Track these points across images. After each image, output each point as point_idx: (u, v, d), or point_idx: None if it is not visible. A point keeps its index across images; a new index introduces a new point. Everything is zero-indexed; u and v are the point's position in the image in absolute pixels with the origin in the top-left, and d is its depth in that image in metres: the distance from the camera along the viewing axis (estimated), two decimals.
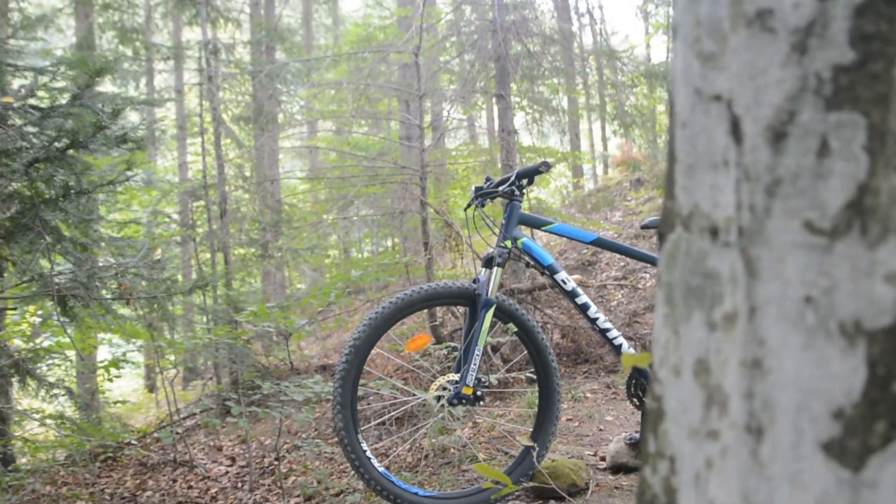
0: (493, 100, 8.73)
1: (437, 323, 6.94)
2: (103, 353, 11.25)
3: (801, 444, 0.63)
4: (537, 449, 3.68)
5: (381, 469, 3.53)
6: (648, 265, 10.14)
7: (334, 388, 3.52)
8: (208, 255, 9.78)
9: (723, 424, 0.68)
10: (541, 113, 10.02)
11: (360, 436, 3.53)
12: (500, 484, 3.30)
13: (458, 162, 10.23)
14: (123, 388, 14.14)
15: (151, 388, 15.74)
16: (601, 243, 3.92)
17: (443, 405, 3.61)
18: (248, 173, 11.05)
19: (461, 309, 6.87)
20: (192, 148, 16.69)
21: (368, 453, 3.53)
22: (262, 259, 9.36)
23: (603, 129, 22.12)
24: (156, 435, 7.26)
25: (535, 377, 4.07)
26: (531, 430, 3.90)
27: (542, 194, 12.26)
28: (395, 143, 12.12)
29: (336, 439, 4.05)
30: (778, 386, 0.64)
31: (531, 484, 3.68)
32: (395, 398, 5.38)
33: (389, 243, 15.16)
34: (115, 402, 7.86)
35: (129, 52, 10.34)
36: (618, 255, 10.86)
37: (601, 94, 11.84)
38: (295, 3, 20.06)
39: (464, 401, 3.56)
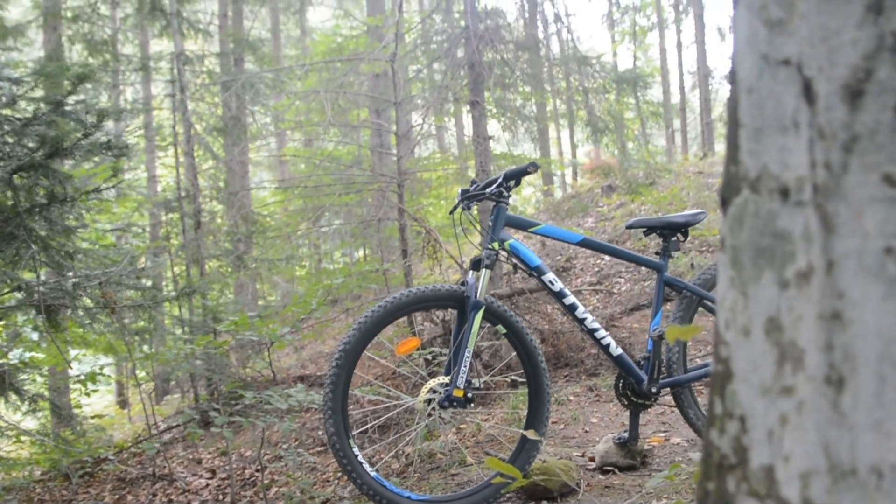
0: (468, 107, 8.76)
1: (417, 329, 6.94)
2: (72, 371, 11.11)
3: (884, 391, 0.65)
4: (540, 440, 3.70)
5: (372, 473, 3.53)
6: (623, 267, 10.23)
7: (325, 392, 3.52)
8: (181, 268, 9.72)
9: (798, 379, 0.70)
10: (513, 120, 10.07)
11: (351, 440, 3.53)
12: (507, 478, 3.31)
13: (431, 169, 10.25)
14: (95, 405, 13.96)
15: (123, 404, 15.57)
16: (588, 244, 3.96)
17: (433, 408, 3.62)
18: (222, 185, 11.00)
19: (439, 314, 6.87)
20: (160, 161, 16.57)
21: (360, 458, 3.53)
22: (237, 270, 9.32)
23: (571, 136, 22.26)
24: (138, 447, 7.18)
25: (521, 379, 4.09)
26: (520, 432, 3.91)
27: (514, 201, 12.30)
28: (367, 152, 12.13)
29: (327, 444, 4.04)
30: (859, 336, 0.66)
31: (539, 477, 3.69)
32: (377, 405, 5.37)
33: (361, 253, 15.13)
34: (93, 417, 7.78)
35: (93, 67, 10.25)
36: (592, 261, 10.93)
37: (569, 102, 11.93)
38: (263, 15, 20.03)
39: (454, 403, 3.57)
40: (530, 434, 3.51)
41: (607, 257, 10.75)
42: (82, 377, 6.60)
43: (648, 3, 24.64)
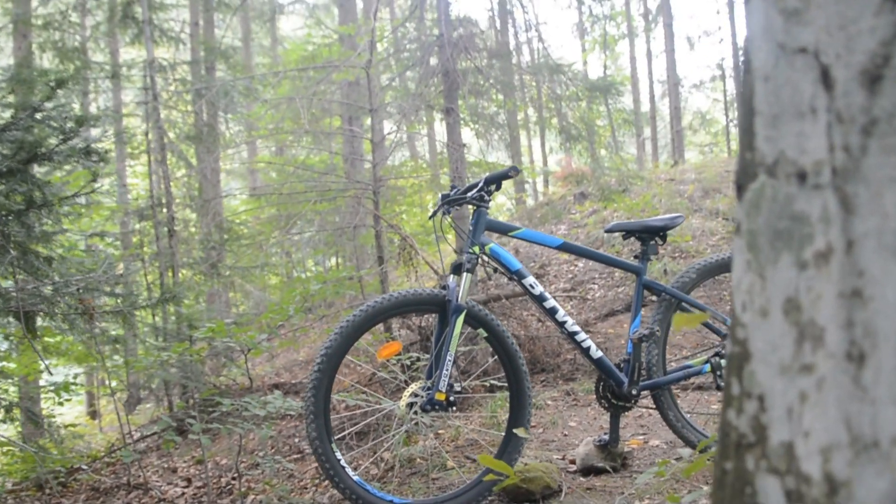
0: (441, 114, 8.79)
1: (395, 335, 6.94)
2: (47, 379, 10.97)
3: None
4: (526, 438, 3.72)
5: (355, 478, 3.53)
6: (597, 273, 10.29)
7: (307, 397, 3.52)
8: (154, 276, 9.64)
9: (818, 357, 0.72)
10: (486, 128, 10.10)
11: (333, 445, 3.53)
12: (497, 475, 3.33)
13: (406, 176, 10.27)
14: (65, 416, 13.80)
15: (94, 414, 15.40)
16: (568, 248, 3.98)
17: (415, 412, 3.62)
18: (196, 193, 10.95)
19: (416, 321, 6.88)
20: (131, 169, 16.45)
21: (343, 462, 3.53)
22: (210, 278, 9.27)
23: (543, 144, 22.38)
24: (112, 456, 7.11)
25: (502, 384, 4.10)
26: (502, 434, 3.93)
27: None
28: (339, 161, 12.11)
29: (310, 449, 4.04)
30: (880, 312, 0.69)
31: (521, 479, 3.70)
32: (354, 410, 5.36)
33: (333, 262, 15.09)
34: (67, 426, 7.70)
35: (70, 72, 10.18)
36: (566, 268, 10.99)
37: (539, 110, 11.98)
38: (234, 23, 19.99)
39: (437, 407, 3.58)
40: (520, 432, 3.54)
41: (581, 264, 10.83)
42: (55, 386, 6.53)
43: (618, 13, 24.89)
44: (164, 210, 8.73)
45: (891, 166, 0.69)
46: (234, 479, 5.95)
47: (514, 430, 3.71)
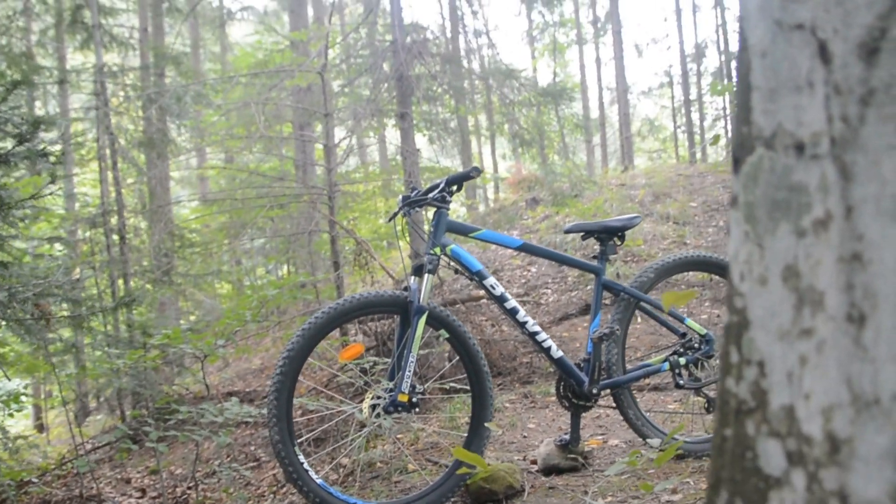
0: (396, 119, 8.79)
1: (352, 340, 6.91)
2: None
3: None
4: (493, 430, 3.73)
5: (318, 481, 3.51)
6: (550, 278, 10.36)
7: (269, 400, 3.49)
8: (105, 284, 9.50)
9: (817, 321, 0.75)
10: (439, 133, 10.13)
11: (296, 448, 3.51)
12: (470, 467, 3.33)
13: (361, 181, 10.25)
14: (11, 430, 13.48)
15: (41, 427, 15.09)
16: (528, 248, 4.01)
17: (378, 414, 3.62)
18: (146, 200, 10.83)
19: (373, 326, 6.86)
20: (79, 177, 16.18)
21: (306, 465, 3.51)
22: (163, 286, 9.15)
23: (493, 151, 22.50)
24: (63, 468, 6.98)
25: (463, 386, 4.12)
26: (465, 435, 3.94)
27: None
28: (289, 167, 12.05)
29: (273, 452, 4.01)
30: (879, 274, 0.71)
31: (483, 479, 3.71)
32: (312, 415, 5.33)
33: (284, 270, 14.98)
34: (17, 438, 7.53)
35: (18, 77, 9.99)
36: (519, 273, 11.05)
37: (490, 115, 12.01)
38: (182, 30, 19.78)
39: (400, 408, 3.58)
40: (491, 425, 3.55)
41: (534, 268, 10.90)
42: (8, 396, 6.38)
43: (568, 20, 25.14)
44: (116, 217, 8.61)
45: (888, 134, 0.72)
46: (189, 488, 5.88)
47: (486, 424, 3.72)
